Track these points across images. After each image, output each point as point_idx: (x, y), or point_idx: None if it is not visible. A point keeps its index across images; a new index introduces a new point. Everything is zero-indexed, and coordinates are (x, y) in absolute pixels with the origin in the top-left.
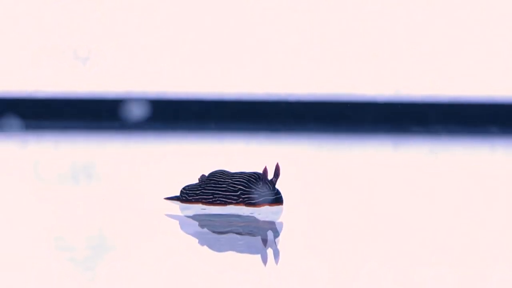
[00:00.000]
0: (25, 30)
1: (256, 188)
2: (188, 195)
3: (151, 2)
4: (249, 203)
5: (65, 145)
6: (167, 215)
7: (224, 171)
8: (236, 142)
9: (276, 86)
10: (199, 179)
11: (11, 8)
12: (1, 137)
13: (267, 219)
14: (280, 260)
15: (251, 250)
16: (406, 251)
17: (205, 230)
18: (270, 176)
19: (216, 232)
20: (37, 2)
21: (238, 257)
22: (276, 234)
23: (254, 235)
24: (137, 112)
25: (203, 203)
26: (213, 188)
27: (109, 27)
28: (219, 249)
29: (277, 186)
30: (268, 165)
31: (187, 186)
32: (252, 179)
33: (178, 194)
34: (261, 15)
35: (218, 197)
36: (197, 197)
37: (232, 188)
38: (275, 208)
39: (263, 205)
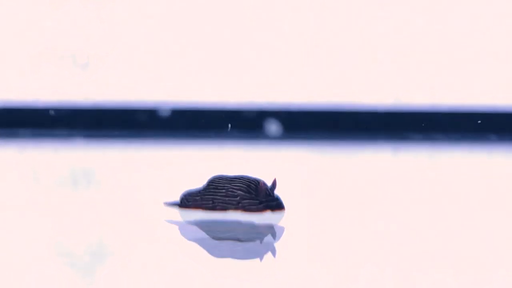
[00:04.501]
0: (24, 37)
1: (256, 194)
2: (188, 201)
3: (151, 9)
4: (249, 209)
5: (64, 151)
6: (167, 220)
7: (223, 176)
8: (236, 149)
9: (276, 94)
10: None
11: (9, 16)
12: (1, 144)
13: (266, 225)
14: (280, 265)
15: (250, 256)
16: (406, 256)
17: (205, 235)
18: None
19: (215, 238)
20: (35, 9)
21: (238, 262)
22: (276, 239)
23: (253, 241)
24: (136, 118)
25: (203, 209)
26: (212, 194)
27: (109, 33)
28: (219, 255)
29: (277, 192)
30: (268, 172)
31: (187, 192)
32: (252, 185)
33: (178, 200)
34: (261, 22)
35: (218, 202)
36: (197, 203)
37: (231, 193)
38: (276, 214)
39: (264, 211)
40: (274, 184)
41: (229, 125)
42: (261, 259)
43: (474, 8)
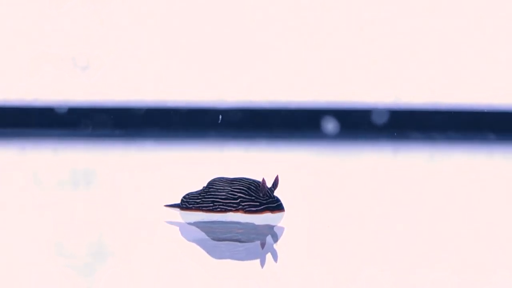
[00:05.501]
0: (24, 39)
1: (256, 195)
2: (188, 203)
3: (150, 11)
4: (249, 210)
5: (64, 152)
6: (167, 222)
7: (223, 178)
8: (236, 149)
9: (276, 94)
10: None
11: (10, 17)
12: (1, 145)
13: (266, 226)
14: (280, 266)
15: (250, 256)
16: (406, 257)
17: (205, 237)
18: (268, 185)
19: (216, 239)
20: (36, 11)
21: (238, 263)
22: (276, 239)
23: (253, 241)
24: (136, 120)
25: (203, 211)
26: (213, 196)
27: (108, 35)
28: (219, 256)
29: (276, 193)
30: (268, 173)
31: (188, 194)
32: (252, 187)
33: (178, 201)
34: (261, 22)
35: (218, 205)
36: (197, 205)
37: (232, 195)
38: (276, 215)
39: (264, 212)
40: (276, 182)
41: (220, 116)
42: (261, 260)
43: (474, 8)
